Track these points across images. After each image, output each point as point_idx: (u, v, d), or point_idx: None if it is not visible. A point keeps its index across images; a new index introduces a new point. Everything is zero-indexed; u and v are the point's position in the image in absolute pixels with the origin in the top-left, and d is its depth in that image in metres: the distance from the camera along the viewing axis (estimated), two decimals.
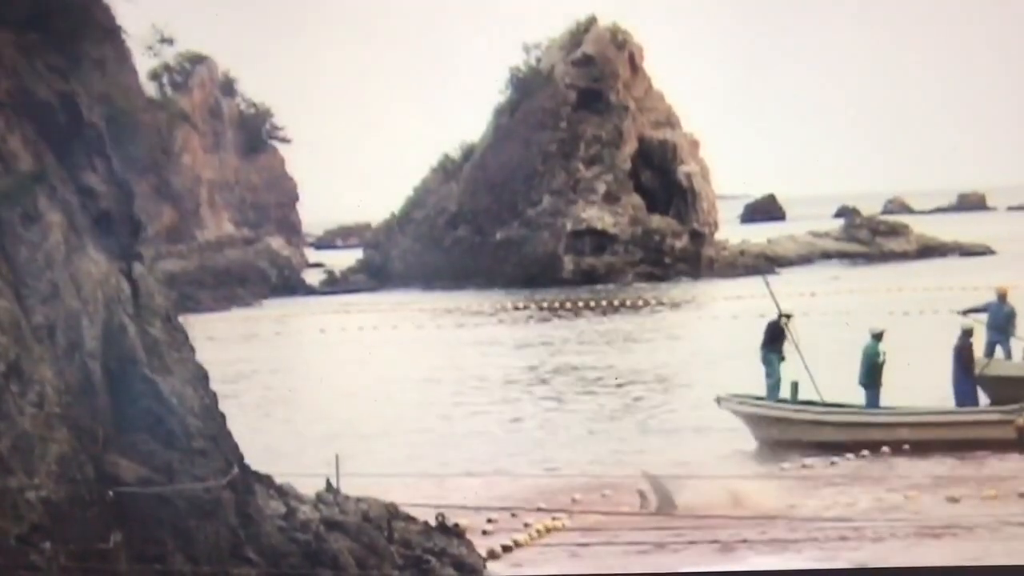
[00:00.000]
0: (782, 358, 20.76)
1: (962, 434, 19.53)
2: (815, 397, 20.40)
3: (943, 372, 21.08)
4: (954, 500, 16.60)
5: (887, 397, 20.50)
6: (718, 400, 20.63)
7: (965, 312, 22.64)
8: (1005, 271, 39.23)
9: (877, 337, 20.49)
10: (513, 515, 16.03)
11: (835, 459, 19.29)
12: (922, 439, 19.63)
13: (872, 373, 20.29)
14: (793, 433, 20.12)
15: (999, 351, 22.25)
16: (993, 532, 15.12)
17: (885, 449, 19.58)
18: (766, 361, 20.80)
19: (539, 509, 16.26)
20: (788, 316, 21.08)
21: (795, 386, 20.40)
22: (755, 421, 20.53)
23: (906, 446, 19.53)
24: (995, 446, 19.26)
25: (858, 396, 20.50)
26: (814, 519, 15.70)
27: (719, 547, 14.78)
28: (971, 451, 19.21)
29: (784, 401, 20.51)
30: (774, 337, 20.89)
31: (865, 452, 19.50)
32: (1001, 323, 22.34)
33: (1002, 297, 22.66)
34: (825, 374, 20.64)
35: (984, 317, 22.42)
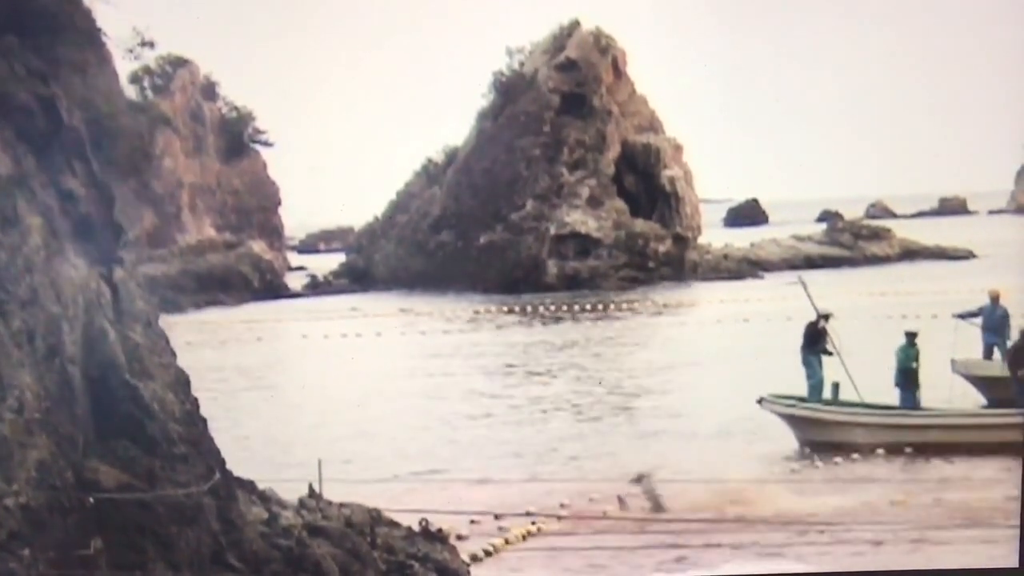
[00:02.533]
0: (826, 355, 20.78)
1: (997, 437, 19.29)
2: (856, 399, 20.45)
3: (928, 375, 21.15)
4: None
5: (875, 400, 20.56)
6: (760, 401, 20.65)
7: (960, 316, 22.82)
8: (987, 275, 39.37)
9: (911, 338, 20.60)
10: (496, 517, 16.00)
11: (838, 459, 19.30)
12: (954, 441, 19.53)
13: (906, 374, 20.40)
14: (829, 434, 20.13)
15: (996, 353, 22.48)
16: None
17: (908, 449, 19.55)
18: (806, 363, 20.91)
19: (528, 513, 16.22)
20: (827, 316, 21.13)
21: (835, 387, 20.45)
22: (794, 422, 20.57)
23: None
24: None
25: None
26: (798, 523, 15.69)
27: (708, 550, 14.75)
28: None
29: (822, 402, 20.52)
30: (813, 338, 20.95)
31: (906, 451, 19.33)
32: (995, 325, 22.59)
33: (995, 300, 22.90)
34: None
35: (979, 321, 22.67)
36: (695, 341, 35.97)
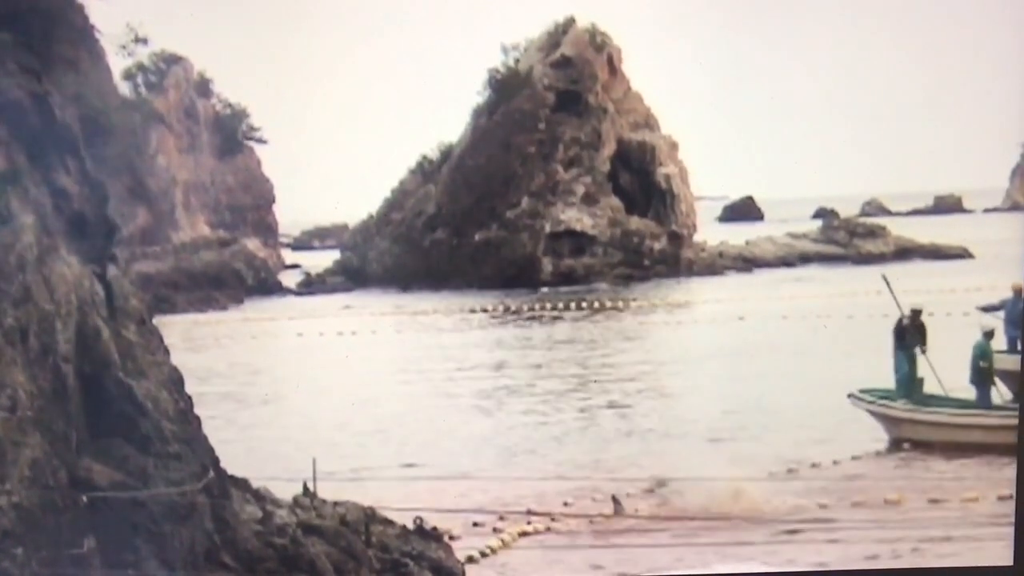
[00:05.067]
0: (919, 352, 20.77)
1: None
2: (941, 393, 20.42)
3: (925, 374, 21.12)
4: None
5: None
6: (850, 396, 20.68)
7: (983, 309, 22.80)
8: (982, 273, 39.37)
9: (988, 335, 20.61)
10: (501, 519, 15.98)
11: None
12: None
13: (980, 371, 20.39)
14: (906, 432, 20.10)
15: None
16: None
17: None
18: (895, 358, 20.91)
19: (528, 511, 16.21)
20: (917, 312, 21.16)
21: (920, 383, 20.45)
22: (880, 419, 20.57)
23: None
24: None
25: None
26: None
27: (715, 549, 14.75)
28: None
29: (910, 399, 20.48)
30: (901, 334, 21.01)
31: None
32: (1018, 319, 22.57)
33: (1018, 293, 22.93)
34: (810, 376, 20.63)
35: (1001, 314, 22.65)
36: (690, 339, 35.94)
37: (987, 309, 22.86)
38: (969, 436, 19.74)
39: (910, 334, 20.89)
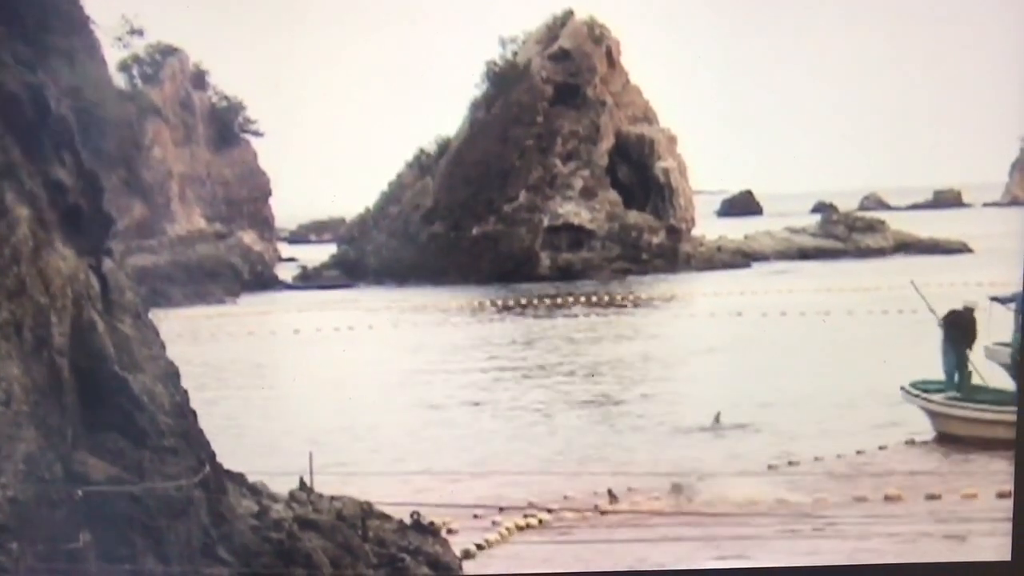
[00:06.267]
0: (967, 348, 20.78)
1: None
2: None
3: (924, 369, 21.10)
4: None
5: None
6: (903, 389, 20.67)
7: (998, 300, 22.73)
8: (982, 268, 39.36)
9: None
10: (501, 510, 15.96)
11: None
12: None
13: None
14: (949, 427, 20.05)
15: None
16: None
17: None
18: (943, 352, 20.93)
19: (530, 505, 16.18)
20: (971, 309, 21.15)
21: (967, 376, 20.43)
22: (928, 414, 20.56)
23: None
24: None
25: None
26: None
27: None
28: None
29: (959, 395, 20.46)
30: (950, 329, 21.01)
31: None
32: None
33: None
34: (808, 374, 20.60)
35: (1014, 305, 22.56)
36: (688, 333, 35.91)
37: (1002, 300, 22.76)
38: (1010, 432, 19.59)
39: (958, 329, 20.84)
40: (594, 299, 45.73)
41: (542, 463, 19.49)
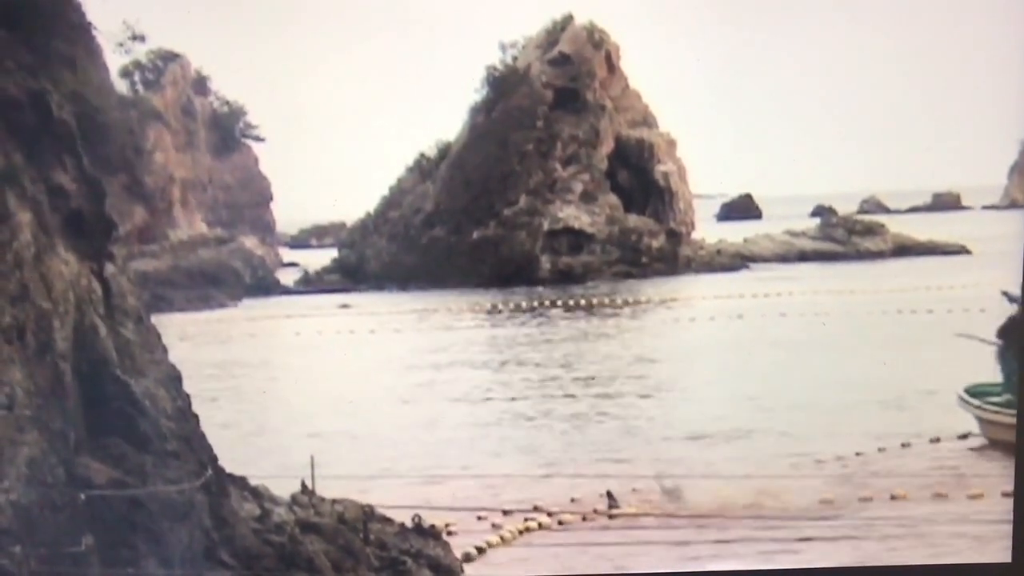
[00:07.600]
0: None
1: None
2: None
3: (924, 369, 21.13)
4: None
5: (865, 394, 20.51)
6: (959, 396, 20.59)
7: (1008, 296, 22.72)
8: (981, 271, 39.39)
9: None
10: (504, 513, 15.99)
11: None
12: None
13: None
14: (991, 433, 20.00)
15: None
16: None
17: None
18: (1001, 358, 20.94)
19: (535, 508, 16.22)
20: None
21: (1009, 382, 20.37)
22: (976, 420, 20.50)
23: None
24: None
25: None
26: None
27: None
28: None
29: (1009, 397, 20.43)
30: (1006, 334, 21.05)
31: None
32: None
33: None
34: (807, 373, 20.62)
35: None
36: (687, 336, 35.93)
37: (1011, 298, 22.73)
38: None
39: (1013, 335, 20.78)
40: (594, 302, 45.76)
41: (542, 466, 19.52)
